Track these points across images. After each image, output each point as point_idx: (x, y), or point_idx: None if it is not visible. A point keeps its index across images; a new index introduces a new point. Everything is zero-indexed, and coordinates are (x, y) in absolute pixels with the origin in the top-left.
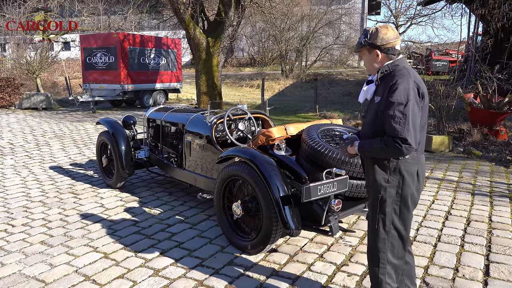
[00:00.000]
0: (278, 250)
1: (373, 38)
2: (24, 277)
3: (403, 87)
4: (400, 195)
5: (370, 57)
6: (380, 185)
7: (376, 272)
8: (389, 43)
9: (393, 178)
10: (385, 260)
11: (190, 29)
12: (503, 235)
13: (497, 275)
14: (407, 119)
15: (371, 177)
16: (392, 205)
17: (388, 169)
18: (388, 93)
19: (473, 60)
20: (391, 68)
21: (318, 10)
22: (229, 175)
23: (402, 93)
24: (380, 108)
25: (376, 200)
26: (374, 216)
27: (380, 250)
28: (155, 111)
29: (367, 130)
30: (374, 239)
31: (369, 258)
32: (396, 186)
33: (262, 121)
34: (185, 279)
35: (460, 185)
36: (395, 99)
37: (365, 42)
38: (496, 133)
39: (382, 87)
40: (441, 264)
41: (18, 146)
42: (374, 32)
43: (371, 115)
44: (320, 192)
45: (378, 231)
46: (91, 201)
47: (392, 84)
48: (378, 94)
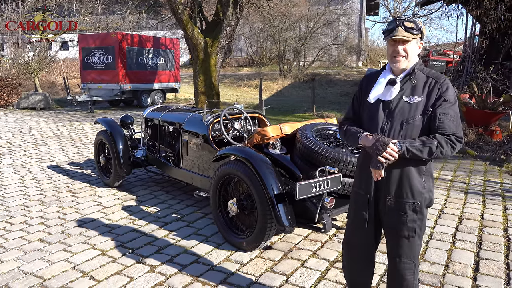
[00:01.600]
0: (272, 247)
1: (422, 29)
2: (23, 274)
3: (451, 86)
4: (430, 199)
5: (417, 48)
6: (419, 192)
7: (412, 280)
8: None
9: (427, 182)
10: (418, 265)
11: (188, 29)
12: (494, 232)
13: (486, 271)
14: (459, 118)
15: (403, 182)
16: (425, 210)
17: (423, 173)
18: (438, 91)
19: (469, 60)
20: (421, 67)
21: (316, 10)
22: (224, 173)
23: (453, 92)
24: (423, 109)
25: (410, 209)
26: (409, 226)
27: (416, 258)
28: (153, 110)
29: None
30: (408, 249)
31: (401, 269)
32: (429, 191)
33: (258, 120)
34: (181, 275)
35: (454, 184)
36: (448, 97)
37: (419, 30)
38: (491, 133)
39: (415, 87)
40: (432, 261)
41: (16, 145)
42: (420, 24)
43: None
44: (313, 190)
45: (414, 240)
46: (89, 200)
47: (443, 83)
48: (411, 94)
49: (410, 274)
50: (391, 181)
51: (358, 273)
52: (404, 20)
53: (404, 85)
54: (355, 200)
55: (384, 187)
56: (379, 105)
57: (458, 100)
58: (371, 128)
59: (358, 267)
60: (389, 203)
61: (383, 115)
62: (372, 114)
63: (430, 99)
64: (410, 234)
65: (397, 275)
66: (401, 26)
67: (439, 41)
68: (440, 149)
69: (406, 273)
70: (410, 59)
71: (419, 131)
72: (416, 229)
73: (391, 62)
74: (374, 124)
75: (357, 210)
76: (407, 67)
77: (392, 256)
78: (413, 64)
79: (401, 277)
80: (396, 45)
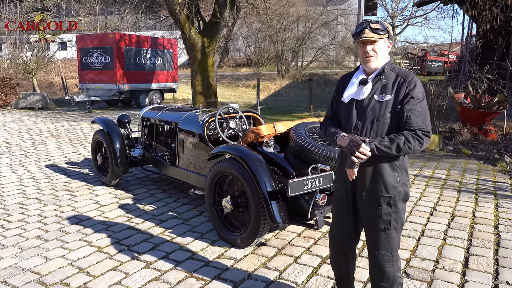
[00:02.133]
0: (266, 244)
1: (389, 29)
2: (20, 270)
3: (419, 83)
4: (405, 194)
5: (386, 48)
6: (392, 186)
7: (392, 271)
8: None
9: (401, 176)
10: (398, 257)
11: (186, 29)
12: (484, 229)
13: (476, 266)
14: (426, 114)
15: (376, 177)
16: (400, 204)
17: (396, 168)
18: (406, 89)
19: (466, 60)
20: (391, 66)
21: (314, 10)
22: (219, 171)
23: (420, 90)
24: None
25: (384, 203)
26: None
27: (394, 250)
28: (149, 110)
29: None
30: (386, 241)
31: (380, 261)
32: (403, 184)
33: (253, 119)
34: (175, 271)
35: (447, 183)
36: (415, 94)
37: (385, 30)
38: (486, 133)
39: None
40: (422, 257)
41: (14, 145)
42: (386, 25)
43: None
44: (306, 187)
45: (391, 232)
46: (86, 198)
47: (410, 81)
48: (382, 93)
49: (390, 266)
50: (365, 177)
51: (341, 264)
52: (370, 22)
53: (376, 84)
54: (335, 194)
55: (359, 182)
56: (352, 104)
57: (453, 99)
58: (347, 126)
59: (340, 258)
60: (365, 197)
61: (356, 114)
62: (347, 113)
63: (399, 97)
64: (386, 227)
65: (377, 267)
66: (367, 28)
67: (437, 42)
68: (407, 144)
69: (385, 265)
70: (380, 58)
71: (390, 129)
72: (391, 222)
73: (363, 63)
74: (349, 122)
75: (338, 204)
76: (378, 66)
77: (371, 249)
78: (384, 64)
79: (381, 268)
80: (365, 46)
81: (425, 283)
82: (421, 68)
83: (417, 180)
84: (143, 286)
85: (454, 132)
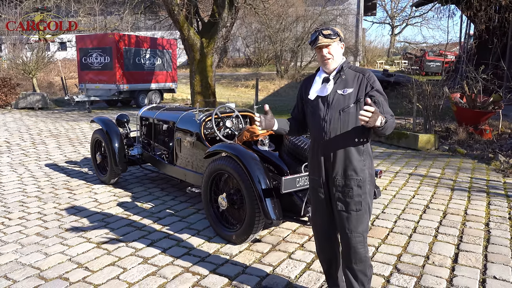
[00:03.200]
0: (261, 240)
1: (339, 33)
2: (21, 265)
3: (376, 78)
4: (371, 175)
5: (339, 50)
6: (360, 169)
7: (364, 252)
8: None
9: (366, 160)
10: (366, 238)
11: (184, 30)
12: (475, 226)
13: (465, 262)
14: (387, 102)
15: (346, 162)
16: (368, 185)
17: (362, 153)
18: (367, 83)
19: (463, 61)
20: (348, 65)
21: (313, 11)
22: (215, 169)
23: (379, 83)
24: (355, 98)
25: (355, 185)
26: (356, 200)
27: (365, 231)
28: (148, 109)
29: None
30: (357, 222)
31: (353, 242)
32: (369, 168)
33: (250, 119)
34: (172, 266)
35: (441, 181)
36: (378, 87)
37: (336, 34)
38: (481, 132)
39: (346, 81)
40: (413, 253)
41: (14, 144)
42: (336, 29)
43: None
44: (299, 184)
45: (361, 213)
46: (85, 196)
47: (369, 76)
48: (345, 87)
49: (362, 247)
50: (336, 163)
51: (323, 249)
52: (322, 29)
53: (337, 81)
54: (311, 185)
55: (331, 169)
56: (318, 100)
57: (449, 99)
58: (314, 119)
59: (321, 244)
60: (337, 182)
61: (324, 108)
62: (314, 108)
63: (360, 89)
64: (357, 208)
65: (351, 248)
66: (320, 35)
67: (436, 42)
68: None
69: (358, 246)
70: (336, 59)
71: (354, 117)
72: (362, 203)
73: (322, 65)
74: (316, 116)
75: (314, 193)
76: (336, 66)
77: (343, 232)
78: (342, 63)
79: (354, 250)
80: (321, 51)
81: (415, 278)
82: (419, 68)
83: (412, 178)
84: (140, 280)
85: (450, 132)
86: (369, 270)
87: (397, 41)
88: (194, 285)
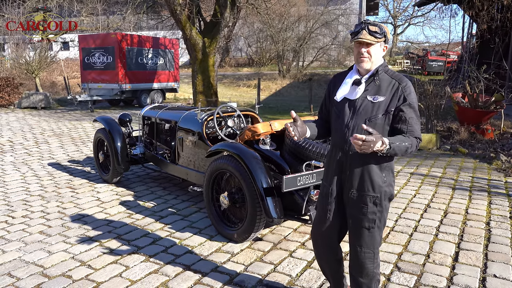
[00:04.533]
0: (263, 239)
1: (386, 33)
2: (24, 263)
3: (413, 90)
4: (390, 193)
5: (381, 51)
6: (379, 186)
7: (372, 268)
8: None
9: (387, 176)
10: (378, 254)
11: (187, 29)
12: (476, 225)
13: (465, 260)
14: (419, 120)
15: (364, 177)
16: (385, 202)
17: (383, 168)
18: (401, 94)
19: (465, 60)
20: (385, 69)
21: (315, 10)
22: (217, 168)
23: (414, 96)
24: (385, 109)
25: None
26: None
27: (376, 247)
28: (150, 109)
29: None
30: (369, 239)
31: (361, 257)
32: (389, 185)
33: (251, 118)
34: (174, 264)
35: (442, 180)
36: (412, 102)
37: (382, 34)
38: (483, 132)
39: (379, 87)
40: (414, 251)
41: (17, 143)
42: (385, 28)
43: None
44: (300, 183)
45: (375, 230)
46: (88, 195)
47: (405, 86)
48: (375, 94)
49: (370, 263)
50: (353, 176)
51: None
52: (369, 23)
53: (369, 86)
54: (321, 191)
55: (347, 181)
56: (345, 104)
57: (451, 99)
58: (338, 123)
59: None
60: (352, 195)
61: (349, 113)
62: (339, 111)
63: (393, 100)
64: (371, 225)
65: (358, 263)
66: (365, 29)
67: (439, 41)
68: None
69: (366, 262)
70: (373, 61)
71: (381, 129)
72: (376, 221)
73: (356, 63)
74: (340, 120)
75: (322, 200)
76: (372, 67)
77: (353, 245)
78: (378, 66)
79: (362, 265)
80: (360, 47)
81: (415, 276)
82: (422, 68)
83: (413, 178)
84: (142, 278)
85: (451, 131)
86: (375, 284)
87: (399, 40)
88: (196, 283)
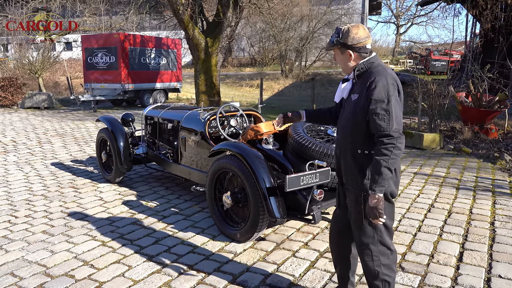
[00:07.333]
0: (266, 238)
1: (345, 38)
2: (27, 262)
3: (382, 84)
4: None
5: (343, 57)
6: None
7: (371, 266)
8: (360, 42)
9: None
10: (377, 252)
11: (189, 29)
12: (480, 225)
13: (469, 261)
14: (390, 115)
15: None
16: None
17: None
18: (367, 91)
19: (469, 60)
20: (366, 66)
21: (318, 10)
22: (220, 167)
23: (382, 90)
24: (358, 106)
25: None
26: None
27: (372, 244)
28: (153, 108)
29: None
30: (360, 234)
31: (360, 254)
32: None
33: (254, 118)
34: (177, 264)
35: (446, 180)
36: (376, 97)
37: (336, 42)
38: (487, 131)
39: (359, 85)
40: (418, 251)
41: (20, 143)
42: (346, 32)
43: (348, 114)
44: (303, 182)
45: (364, 226)
46: (91, 195)
47: (371, 82)
48: (355, 92)
49: (369, 260)
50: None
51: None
52: (335, 32)
53: (354, 84)
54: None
55: (344, 177)
56: (343, 102)
57: (454, 98)
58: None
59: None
60: (344, 190)
61: (341, 112)
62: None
63: (363, 97)
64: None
65: (360, 259)
66: (330, 38)
67: (442, 41)
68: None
69: (364, 258)
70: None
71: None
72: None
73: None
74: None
75: (337, 198)
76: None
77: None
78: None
79: (362, 261)
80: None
81: (419, 276)
82: (425, 67)
83: (417, 178)
84: (145, 278)
85: (455, 131)
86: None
87: (402, 40)
88: (199, 283)
